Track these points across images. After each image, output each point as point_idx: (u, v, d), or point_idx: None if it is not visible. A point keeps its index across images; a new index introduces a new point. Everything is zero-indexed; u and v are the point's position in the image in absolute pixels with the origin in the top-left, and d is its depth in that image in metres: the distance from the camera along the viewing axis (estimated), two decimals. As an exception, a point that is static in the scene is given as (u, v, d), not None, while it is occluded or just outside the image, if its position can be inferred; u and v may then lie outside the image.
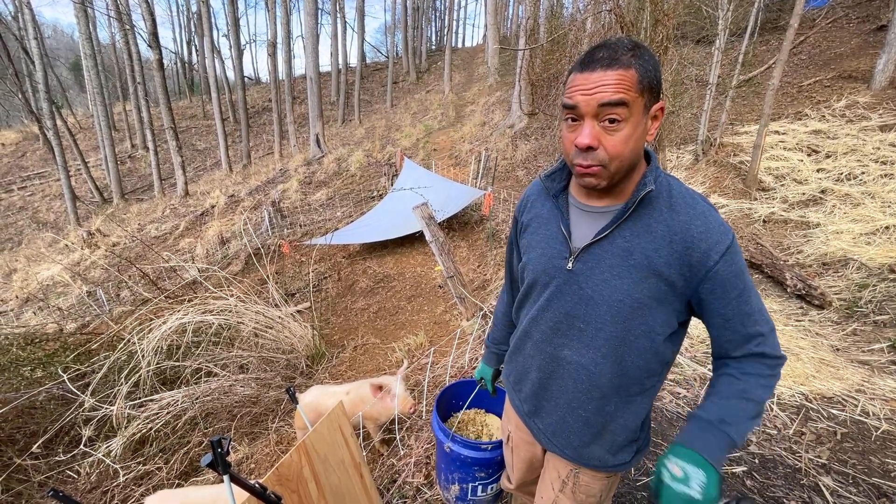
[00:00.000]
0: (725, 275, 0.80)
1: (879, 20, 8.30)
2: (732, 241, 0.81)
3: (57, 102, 18.63)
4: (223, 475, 0.92)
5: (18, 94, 13.50)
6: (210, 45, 18.15)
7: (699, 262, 0.80)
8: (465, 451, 1.50)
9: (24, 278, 8.85)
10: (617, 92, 0.73)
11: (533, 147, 9.05)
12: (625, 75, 0.74)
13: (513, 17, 27.74)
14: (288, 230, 7.69)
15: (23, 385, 2.85)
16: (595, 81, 0.74)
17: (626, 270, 0.83)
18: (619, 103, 0.74)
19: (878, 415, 2.30)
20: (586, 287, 0.88)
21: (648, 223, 0.83)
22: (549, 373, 0.99)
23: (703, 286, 0.81)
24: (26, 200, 17.17)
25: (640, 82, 0.75)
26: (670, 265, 0.81)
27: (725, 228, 0.81)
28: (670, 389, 2.56)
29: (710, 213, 0.82)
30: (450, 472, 1.60)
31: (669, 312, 0.85)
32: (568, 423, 0.98)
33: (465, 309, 3.56)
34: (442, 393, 1.74)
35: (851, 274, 3.82)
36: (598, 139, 0.77)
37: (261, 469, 2.50)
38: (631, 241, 0.83)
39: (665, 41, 3.91)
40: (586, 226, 0.90)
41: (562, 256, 0.91)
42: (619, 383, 0.90)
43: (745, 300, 0.82)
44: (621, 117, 0.75)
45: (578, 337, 0.91)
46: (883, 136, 5.67)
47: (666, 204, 0.83)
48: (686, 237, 0.80)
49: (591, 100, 0.75)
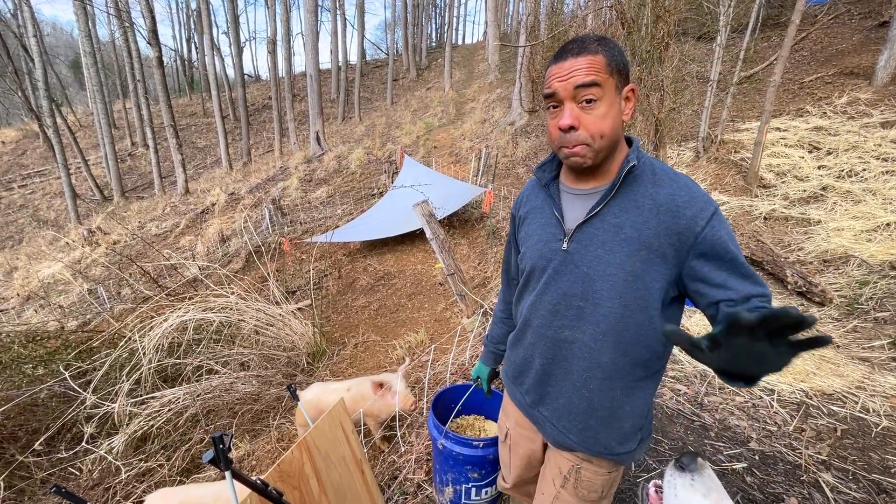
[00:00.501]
0: (715, 238, 0.82)
1: (881, 16, 8.26)
2: (717, 209, 0.84)
3: (57, 100, 18.61)
4: (225, 471, 0.93)
5: (18, 92, 13.50)
6: (210, 43, 18.10)
7: (687, 229, 0.83)
8: (457, 447, 1.50)
9: (25, 276, 8.86)
10: (588, 74, 0.82)
11: (533, 144, 9.03)
12: (594, 59, 0.82)
13: (513, 14, 27.62)
14: (288, 228, 7.69)
15: (24, 382, 2.86)
16: (568, 68, 0.83)
17: (617, 245, 0.88)
18: (592, 84, 0.82)
19: (879, 411, 2.30)
20: (582, 264, 0.92)
21: (635, 198, 0.88)
22: (552, 357, 1.00)
23: (694, 252, 0.84)
24: (27, 198, 17.18)
25: (608, 65, 0.83)
26: (659, 235, 0.85)
27: (709, 199, 0.85)
28: (670, 386, 2.57)
29: (693, 185, 0.87)
30: (443, 473, 1.59)
31: (663, 284, 0.87)
32: (574, 405, 0.99)
33: (466, 306, 3.57)
34: (439, 395, 1.73)
35: (852, 271, 3.82)
36: (578, 119, 0.84)
37: (262, 466, 2.51)
38: (620, 217, 0.88)
39: (666, 37, 3.89)
40: (578, 207, 0.95)
41: (556, 238, 0.96)
42: (622, 363, 0.92)
43: (740, 264, 0.83)
44: (596, 97, 0.83)
45: (578, 315, 0.94)
46: (884, 133, 5.65)
47: (650, 180, 0.88)
48: (671, 206, 0.85)
49: (566, 84, 0.83)
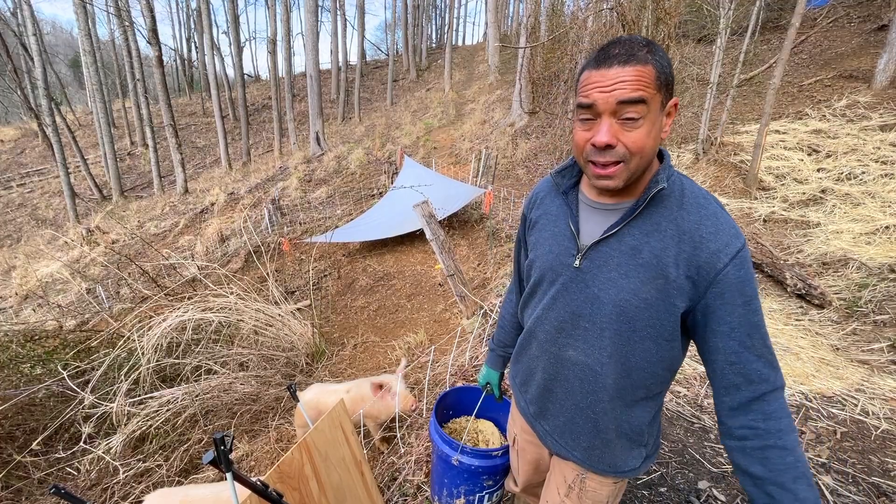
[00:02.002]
0: (735, 279, 0.76)
1: (881, 20, 8.29)
2: (743, 247, 0.77)
3: (56, 99, 18.56)
4: (226, 473, 0.92)
5: (17, 91, 13.48)
6: (210, 42, 18.08)
7: (707, 264, 0.77)
8: (475, 461, 1.44)
9: (24, 275, 8.83)
10: (636, 89, 0.72)
11: (533, 145, 9.03)
12: (643, 71, 0.72)
13: (513, 15, 27.69)
14: (288, 228, 7.68)
15: (22, 382, 2.84)
16: (612, 78, 0.73)
17: (633, 269, 0.81)
18: (639, 101, 0.72)
19: (878, 414, 2.31)
20: (593, 285, 0.86)
21: (658, 221, 0.81)
22: (554, 374, 0.97)
23: (712, 290, 0.77)
24: (25, 197, 17.13)
25: (657, 79, 0.73)
26: (678, 265, 0.78)
27: (737, 232, 0.78)
28: (671, 388, 2.57)
29: (722, 214, 0.79)
30: (454, 486, 1.53)
31: (676, 316, 0.82)
32: (577, 424, 0.96)
33: (466, 307, 3.56)
34: (440, 399, 1.71)
35: (851, 273, 3.82)
36: (617, 136, 0.75)
37: (261, 466, 2.50)
38: (639, 240, 0.81)
39: (666, 40, 3.90)
40: (595, 223, 0.88)
41: (569, 253, 0.90)
42: (625, 385, 0.88)
43: (753, 310, 0.77)
44: (640, 114, 0.73)
45: (583, 337, 0.89)
46: (883, 136, 5.67)
47: (677, 203, 0.81)
48: (695, 237, 0.77)
49: (609, 97, 0.73)
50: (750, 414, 0.78)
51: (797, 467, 0.75)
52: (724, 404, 0.82)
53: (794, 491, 0.74)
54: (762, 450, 0.77)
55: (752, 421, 0.78)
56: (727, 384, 0.80)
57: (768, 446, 0.76)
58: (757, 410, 0.78)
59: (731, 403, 0.80)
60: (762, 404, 0.77)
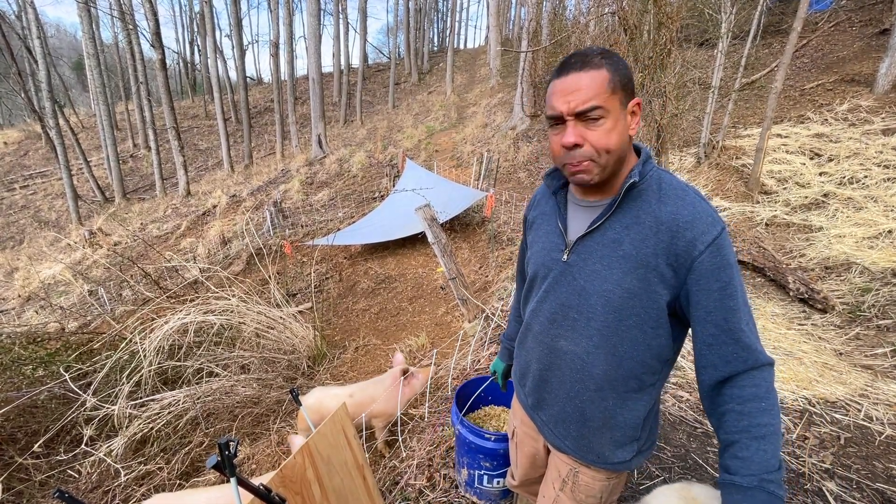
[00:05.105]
0: (710, 266, 0.80)
1: (882, 24, 8.29)
2: (721, 233, 0.81)
3: (59, 101, 18.66)
4: (230, 478, 0.92)
5: (21, 93, 13.53)
6: (213, 46, 18.17)
7: (685, 251, 0.81)
8: (469, 436, 1.61)
9: (26, 277, 8.85)
10: (589, 99, 0.80)
11: (535, 149, 9.05)
12: (597, 75, 0.80)
13: (515, 19, 27.76)
14: (290, 230, 7.69)
15: (24, 384, 2.85)
16: (571, 85, 0.81)
17: (615, 261, 0.86)
18: (594, 108, 0.80)
19: (882, 419, 2.29)
20: (579, 278, 0.92)
21: (637, 214, 0.86)
22: (548, 364, 1.01)
23: (690, 276, 0.82)
24: (28, 199, 17.20)
25: (611, 80, 0.80)
26: (657, 255, 0.83)
27: (713, 220, 0.81)
28: (672, 392, 2.56)
29: (700, 203, 0.83)
30: (461, 456, 1.72)
31: (660, 304, 0.86)
32: (567, 414, 1.00)
33: (467, 311, 3.56)
34: (462, 386, 1.90)
35: (854, 278, 3.81)
36: (583, 136, 0.82)
37: (262, 470, 2.50)
38: (620, 233, 0.87)
39: (668, 44, 3.91)
40: (581, 219, 0.95)
41: (558, 249, 0.97)
42: (615, 375, 0.92)
43: (729, 295, 0.80)
44: (600, 113, 0.80)
45: (573, 327, 0.94)
46: (886, 140, 5.65)
47: (655, 196, 0.86)
48: (672, 226, 0.82)
49: (569, 99, 0.81)
50: (724, 394, 0.83)
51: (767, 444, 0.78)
52: (702, 383, 0.88)
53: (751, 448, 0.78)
54: (739, 430, 0.80)
55: (728, 399, 0.82)
56: (705, 363, 0.85)
57: (744, 425, 0.80)
58: (733, 387, 0.82)
59: (709, 382, 0.85)
60: (737, 383, 0.82)
